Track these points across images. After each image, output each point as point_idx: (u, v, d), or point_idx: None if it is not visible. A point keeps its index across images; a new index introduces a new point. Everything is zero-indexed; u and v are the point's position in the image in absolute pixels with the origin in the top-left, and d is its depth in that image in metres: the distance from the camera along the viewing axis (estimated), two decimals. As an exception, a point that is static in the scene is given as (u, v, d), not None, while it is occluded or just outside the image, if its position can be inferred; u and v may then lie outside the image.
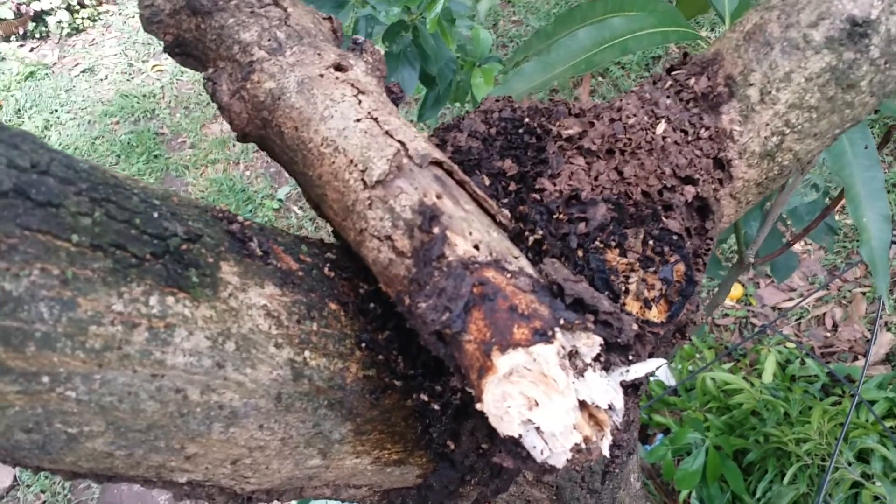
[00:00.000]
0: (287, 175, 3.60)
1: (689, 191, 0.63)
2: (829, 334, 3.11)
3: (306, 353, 0.53)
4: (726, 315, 3.25)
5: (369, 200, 0.53)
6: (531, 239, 0.59)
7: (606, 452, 0.47)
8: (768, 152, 0.69)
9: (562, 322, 0.46)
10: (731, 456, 2.40)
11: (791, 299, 3.29)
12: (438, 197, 0.51)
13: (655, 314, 0.59)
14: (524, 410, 0.45)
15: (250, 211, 3.73)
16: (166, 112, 4.37)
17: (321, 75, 0.58)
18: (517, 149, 0.63)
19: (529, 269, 0.50)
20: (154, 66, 4.66)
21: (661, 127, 0.64)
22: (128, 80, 4.60)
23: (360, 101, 0.56)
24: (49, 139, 4.20)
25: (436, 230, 0.50)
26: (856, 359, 2.92)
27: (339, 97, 0.57)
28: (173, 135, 4.25)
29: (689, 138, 0.65)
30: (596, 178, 0.61)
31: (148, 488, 0.53)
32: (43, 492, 2.86)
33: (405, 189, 0.52)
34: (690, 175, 0.63)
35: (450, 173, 0.55)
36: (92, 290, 0.42)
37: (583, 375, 0.47)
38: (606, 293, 0.57)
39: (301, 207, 3.72)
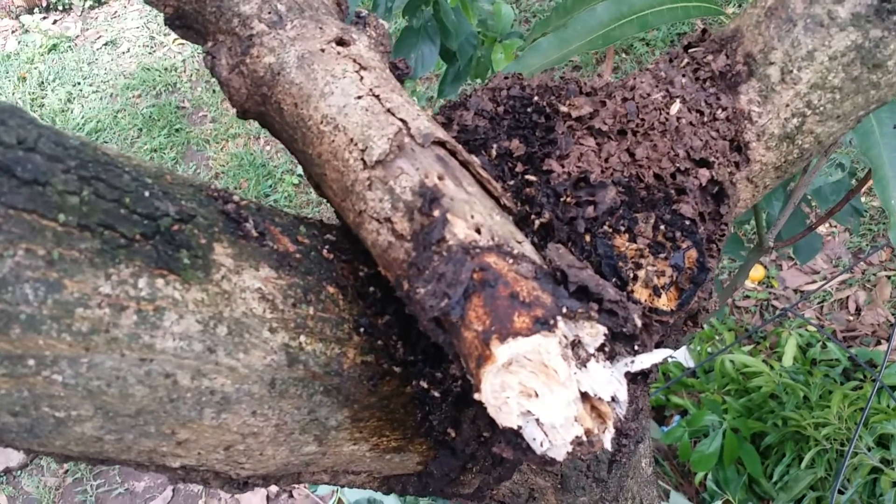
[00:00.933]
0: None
1: (704, 174, 0.61)
2: (851, 318, 3.07)
3: (302, 338, 0.51)
4: (747, 297, 3.21)
5: (369, 181, 0.51)
6: (537, 222, 0.57)
7: (608, 445, 0.46)
8: (788, 135, 0.66)
9: (564, 311, 0.44)
10: (748, 439, 2.38)
11: (814, 282, 3.25)
12: (440, 178, 0.50)
13: (665, 302, 0.57)
14: (523, 401, 0.44)
15: (270, 186, 3.72)
16: (187, 86, 4.37)
17: (322, 50, 0.56)
18: (525, 128, 0.61)
19: (533, 255, 0.48)
20: (176, 39, 4.65)
21: (675, 107, 0.62)
22: (150, 53, 4.60)
23: (361, 78, 0.55)
24: (72, 112, 4.21)
25: (436, 213, 0.48)
26: (878, 343, 2.88)
27: (340, 73, 0.55)
28: (194, 108, 4.25)
29: (705, 119, 0.63)
30: (606, 160, 0.59)
31: (141, 472, 0.52)
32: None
33: (406, 170, 0.50)
34: (705, 158, 0.61)
35: (453, 153, 0.53)
36: (79, 272, 0.41)
37: (585, 366, 0.45)
38: (614, 280, 0.55)
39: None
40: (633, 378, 0.49)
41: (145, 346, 0.44)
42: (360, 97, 0.54)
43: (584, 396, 0.45)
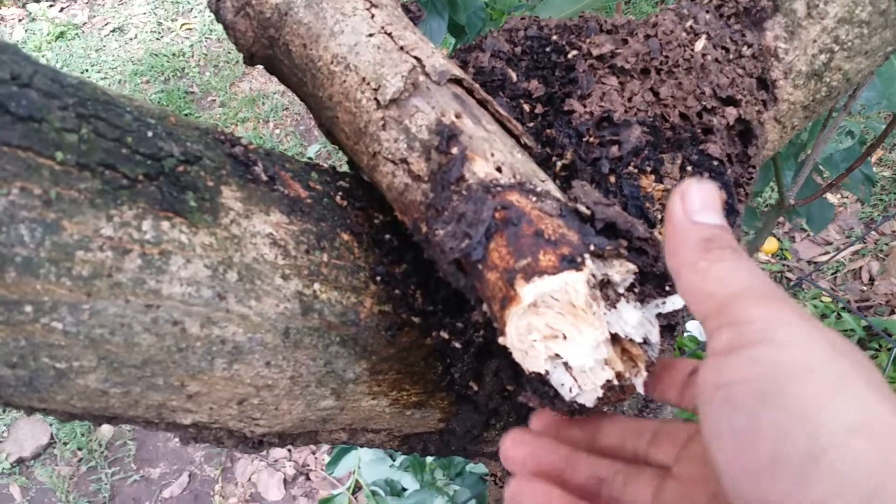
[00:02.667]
0: (317, 133, 3.58)
1: (731, 113, 0.58)
2: (865, 288, 3.04)
3: (316, 286, 0.49)
4: (762, 269, 3.18)
5: (383, 121, 0.49)
6: (559, 164, 0.54)
7: (641, 389, 0.43)
8: (816, 72, 0.63)
9: (592, 248, 0.41)
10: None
11: (827, 253, 3.22)
12: (458, 116, 0.47)
13: (694, 246, 0.54)
14: (551, 344, 0.41)
15: (278, 169, 3.70)
16: (196, 71, 4.35)
17: None
18: (544, 69, 0.58)
19: (556, 193, 0.45)
20: (183, 24, 4.63)
21: (700, 44, 0.59)
22: (157, 38, 4.57)
23: (372, 15, 0.52)
24: (78, 100, 4.19)
25: (454, 150, 0.46)
26: (892, 312, 2.86)
27: (349, 11, 0.52)
28: (203, 93, 4.23)
29: (731, 56, 0.60)
30: (629, 99, 0.56)
31: (151, 430, 0.50)
32: (80, 449, 2.89)
33: (421, 108, 0.48)
34: (732, 96, 0.58)
35: (470, 92, 0.50)
36: (78, 213, 0.39)
37: (615, 306, 0.42)
38: (641, 221, 0.53)
39: (333, 165, 3.69)
40: (661, 329, 0.46)
41: (151, 291, 0.41)
42: (371, 35, 0.51)
43: (615, 339, 0.43)
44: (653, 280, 0.45)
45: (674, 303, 0.46)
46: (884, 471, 0.29)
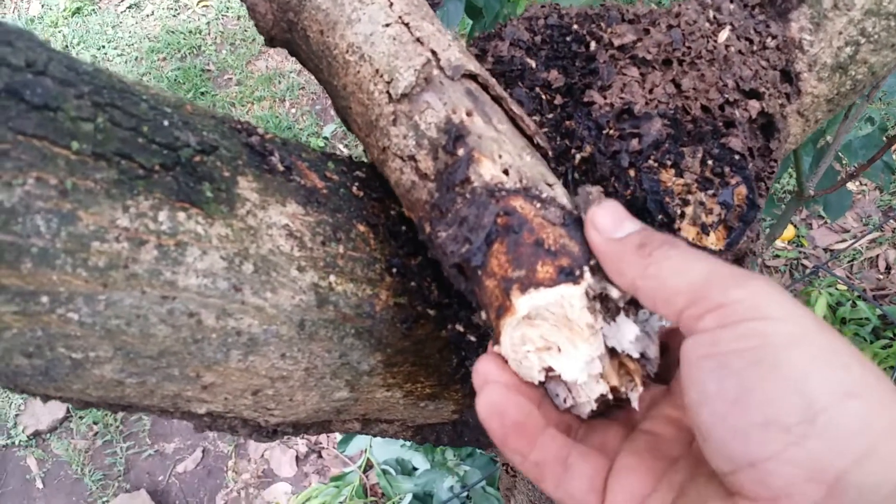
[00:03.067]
0: (333, 113, 3.57)
1: (754, 106, 0.57)
2: (881, 276, 3.01)
3: (332, 278, 0.48)
4: (777, 256, 3.16)
5: (393, 116, 0.48)
6: (578, 157, 0.53)
7: (636, 405, 0.43)
8: (841, 64, 0.62)
9: (592, 262, 0.41)
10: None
11: (844, 240, 3.20)
12: (468, 114, 0.47)
13: (713, 241, 0.54)
14: (545, 356, 0.41)
15: (294, 148, 3.70)
16: (212, 48, 4.34)
17: None
18: (564, 59, 0.57)
19: (563, 199, 0.45)
20: (199, 1, 4.61)
21: (723, 35, 0.58)
22: (174, 15, 4.56)
23: (391, 3, 0.51)
24: (95, 76, 4.19)
25: (461, 151, 0.45)
26: (908, 301, 2.83)
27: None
28: (219, 71, 4.22)
29: (755, 48, 0.59)
30: (651, 91, 0.55)
31: (166, 419, 0.50)
32: (95, 423, 2.92)
33: (433, 104, 0.47)
34: (755, 88, 0.57)
35: (485, 87, 0.49)
36: (94, 203, 0.38)
37: (614, 320, 0.42)
38: (660, 217, 0.52)
39: (347, 145, 3.69)
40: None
41: (167, 283, 0.41)
42: (388, 25, 0.50)
43: (612, 352, 0.43)
44: None
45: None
46: (876, 431, 0.31)
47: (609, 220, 0.41)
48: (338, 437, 2.62)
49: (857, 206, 3.27)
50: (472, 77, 0.49)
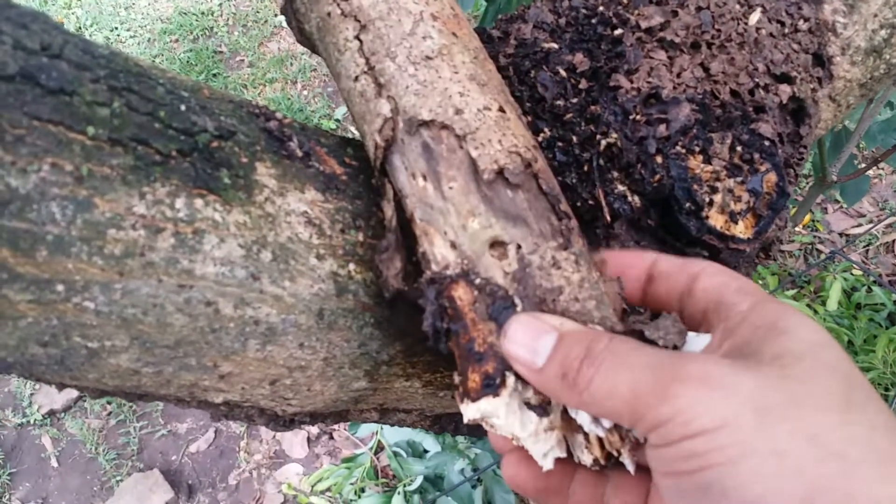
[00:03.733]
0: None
1: (785, 90, 0.55)
2: (897, 262, 2.99)
3: (351, 266, 0.47)
4: (791, 241, 3.14)
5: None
6: (603, 143, 0.52)
7: (631, 469, 0.41)
8: (875, 48, 0.60)
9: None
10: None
11: (860, 225, 3.17)
12: (424, 178, 0.45)
13: (742, 229, 0.52)
14: (506, 437, 0.42)
15: (306, 130, 3.70)
16: (224, 30, 4.32)
17: (328, 13, 0.51)
18: (589, 41, 0.56)
19: (499, 278, 0.42)
20: (211, -18, 4.60)
21: (754, 17, 0.56)
22: (186, -4, 4.55)
23: (360, 44, 0.49)
24: (108, 57, 4.19)
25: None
26: (925, 288, 2.81)
27: (342, 45, 0.50)
28: (231, 53, 4.21)
29: (786, 30, 0.57)
30: (679, 75, 0.54)
31: (182, 408, 0.49)
32: (109, 403, 2.94)
33: (398, 168, 0.46)
34: (786, 73, 0.56)
35: (444, 126, 0.46)
36: (110, 190, 0.37)
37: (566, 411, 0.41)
38: (688, 205, 0.50)
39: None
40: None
41: (184, 271, 0.40)
42: (356, 78, 0.48)
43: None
44: None
45: None
46: None
47: (526, 344, 0.39)
48: (349, 419, 2.62)
49: (873, 191, 3.24)
50: (426, 125, 0.45)
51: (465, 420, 0.40)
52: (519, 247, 0.42)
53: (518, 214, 0.43)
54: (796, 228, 3.14)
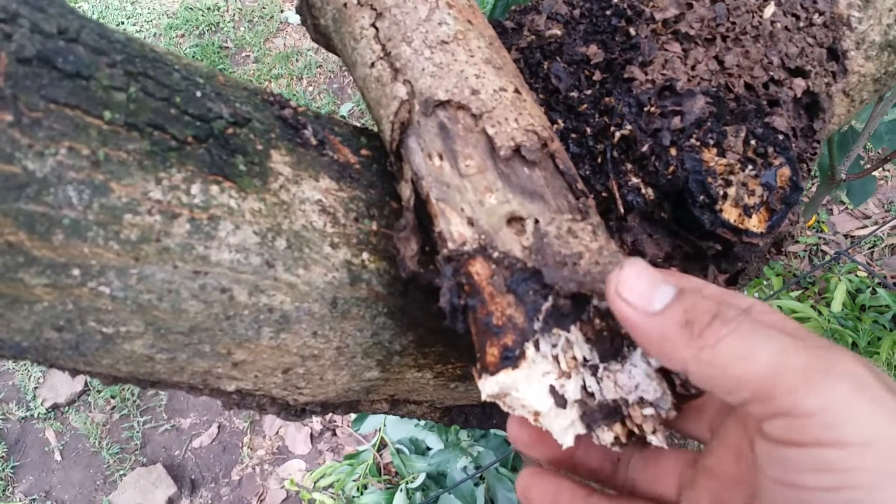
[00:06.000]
0: (351, 91, 3.55)
1: (799, 84, 0.55)
2: (903, 264, 2.98)
3: (364, 255, 0.47)
4: (796, 242, 3.13)
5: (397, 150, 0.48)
6: (617, 134, 0.52)
7: (663, 444, 0.39)
8: (890, 43, 0.60)
9: (538, 328, 0.40)
10: (796, 384, 2.34)
11: (865, 227, 3.16)
12: (440, 157, 0.44)
13: (755, 223, 0.52)
14: (528, 416, 0.41)
15: (310, 126, 3.70)
16: (230, 25, 4.32)
17: (345, 4, 0.52)
18: (604, 33, 0.55)
19: (517, 251, 0.42)
20: (218, -23, 4.60)
21: (769, 10, 0.56)
22: (192, -9, 4.55)
23: (376, 32, 0.49)
24: (112, 52, 4.20)
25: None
26: (929, 290, 2.80)
27: (358, 33, 0.50)
28: (237, 49, 4.21)
29: (801, 24, 0.57)
30: (693, 68, 0.54)
31: (194, 396, 0.49)
32: (113, 397, 2.94)
33: (413, 150, 0.46)
34: (801, 66, 0.55)
35: (460, 107, 0.46)
36: (127, 175, 0.37)
37: (595, 374, 0.40)
38: (702, 198, 0.50)
39: (364, 124, 3.67)
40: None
41: (199, 257, 0.40)
42: (372, 64, 0.48)
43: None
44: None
45: None
46: None
47: (640, 289, 0.35)
48: (352, 415, 2.63)
49: (879, 192, 3.23)
50: (443, 105, 0.46)
51: (483, 396, 0.40)
52: (537, 221, 0.42)
53: (535, 191, 0.43)
54: (803, 229, 3.13)
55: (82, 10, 4.43)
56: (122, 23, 4.36)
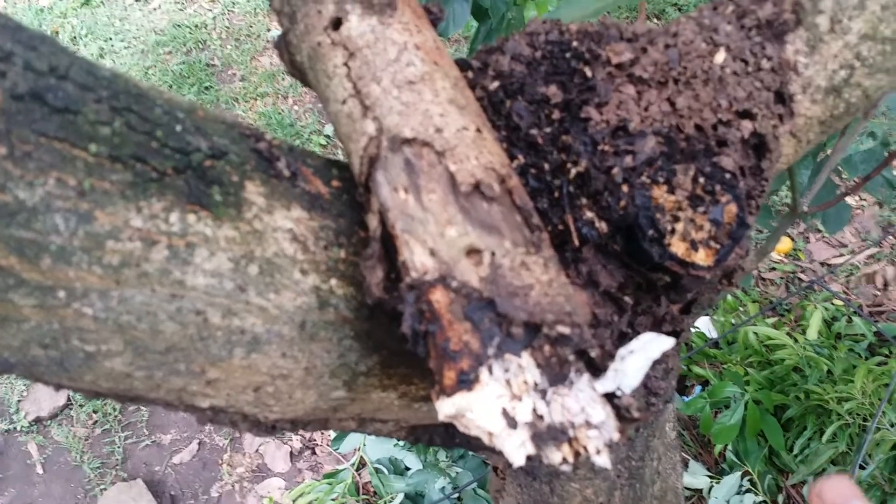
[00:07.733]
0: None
1: (747, 126, 0.59)
2: (878, 293, 3.03)
3: (332, 281, 0.50)
4: (773, 269, 3.17)
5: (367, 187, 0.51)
6: (573, 171, 0.55)
7: (608, 464, 0.42)
8: (835, 87, 0.64)
9: (491, 353, 0.42)
10: (770, 411, 2.36)
11: (841, 255, 3.21)
12: (406, 191, 0.47)
13: (702, 257, 0.56)
14: (482, 435, 0.42)
15: (298, 146, 3.73)
16: (217, 43, 4.36)
17: (319, 43, 0.55)
18: (563, 74, 0.59)
19: (474, 281, 0.44)
20: (206, -4, 4.64)
21: (719, 56, 0.60)
22: (180, 9, 4.59)
23: (348, 70, 0.52)
24: (102, 68, 4.23)
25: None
26: (905, 318, 2.85)
27: (332, 71, 0.53)
28: (224, 66, 4.25)
29: (750, 69, 0.61)
30: (646, 109, 0.57)
31: (172, 412, 0.52)
32: (95, 412, 2.95)
33: (381, 184, 0.48)
34: (748, 109, 0.59)
35: (425, 143, 0.49)
36: (110, 204, 0.40)
37: (544, 397, 0.42)
38: (651, 232, 0.54)
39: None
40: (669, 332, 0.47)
41: (176, 281, 0.43)
42: (344, 101, 0.52)
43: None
44: (584, 359, 0.44)
45: (616, 373, 0.46)
46: None
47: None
48: (332, 434, 2.65)
49: (855, 221, 3.28)
50: (408, 143, 0.48)
51: (441, 417, 0.42)
52: (493, 253, 0.45)
53: (493, 224, 0.46)
54: (779, 257, 3.17)
55: (71, 25, 4.46)
56: (110, 38, 4.39)
